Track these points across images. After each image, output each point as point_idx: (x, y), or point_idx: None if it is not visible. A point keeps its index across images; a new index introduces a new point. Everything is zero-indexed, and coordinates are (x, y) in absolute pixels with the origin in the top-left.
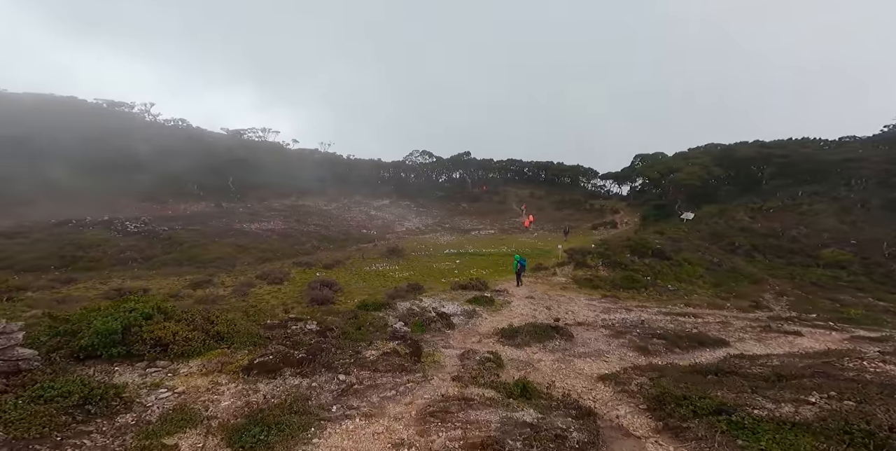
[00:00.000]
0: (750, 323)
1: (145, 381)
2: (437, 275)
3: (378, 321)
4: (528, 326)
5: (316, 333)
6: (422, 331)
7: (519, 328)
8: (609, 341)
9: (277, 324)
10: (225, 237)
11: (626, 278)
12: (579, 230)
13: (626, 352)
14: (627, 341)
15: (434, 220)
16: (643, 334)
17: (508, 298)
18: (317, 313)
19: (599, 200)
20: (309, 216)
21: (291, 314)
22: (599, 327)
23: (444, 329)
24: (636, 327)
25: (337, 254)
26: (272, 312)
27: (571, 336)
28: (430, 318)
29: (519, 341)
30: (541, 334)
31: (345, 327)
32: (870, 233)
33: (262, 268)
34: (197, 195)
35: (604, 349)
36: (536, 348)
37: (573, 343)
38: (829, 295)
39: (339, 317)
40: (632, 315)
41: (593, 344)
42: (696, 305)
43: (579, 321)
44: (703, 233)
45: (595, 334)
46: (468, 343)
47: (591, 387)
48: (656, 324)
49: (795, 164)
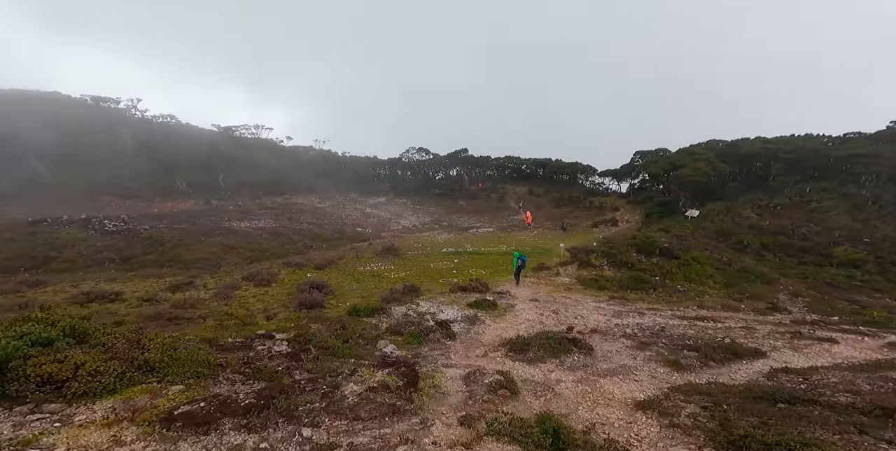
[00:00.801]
0: (775, 328)
1: (16, 435)
2: (434, 275)
3: (369, 331)
4: (539, 336)
5: (286, 356)
6: (419, 343)
7: (529, 340)
8: (634, 353)
9: (239, 344)
10: (212, 236)
11: (634, 279)
12: (579, 228)
13: (655, 367)
14: (655, 354)
15: (431, 218)
16: (670, 345)
17: (512, 301)
18: (302, 320)
19: (599, 197)
20: (302, 214)
21: (274, 322)
22: (619, 336)
23: (443, 340)
24: (658, 336)
25: (330, 253)
26: (251, 319)
27: (591, 349)
28: (428, 327)
29: (531, 355)
30: (555, 347)
31: (328, 340)
32: (883, 231)
33: (249, 269)
34: (185, 193)
35: (630, 365)
36: (552, 365)
37: (594, 358)
38: (845, 296)
39: (326, 325)
40: (646, 320)
41: (617, 358)
42: (709, 307)
43: (592, 328)
44: (709, 231)
45: (616, 346)
46: (472, 358)
47: (630, 419)
48: (675, 330)
49: (803, 160)
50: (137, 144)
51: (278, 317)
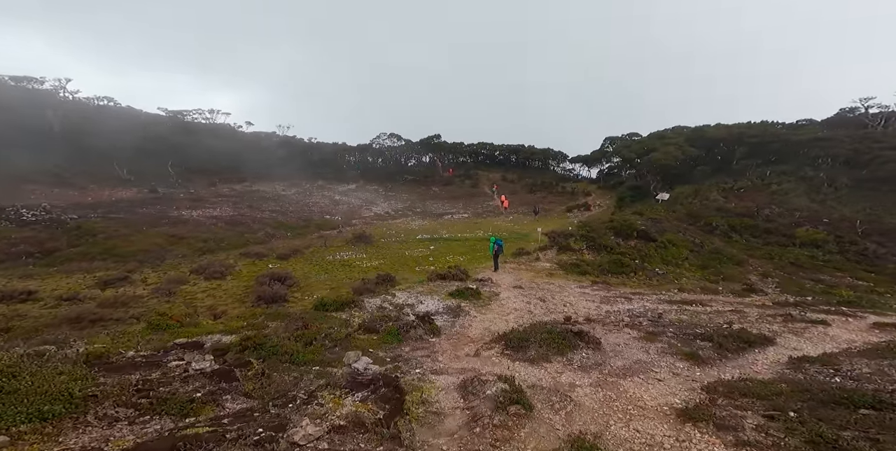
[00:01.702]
0: (762, 311)
1: None
2: (410, 263)
3: (338, 329)
4: (536, 329)
5: (209, 376)
6: (398, 341)
7: (527, 334)
8: (644, 346)
9: (145, 359)
10: (157, 226)
11: (614, 263)
12: (553, 213)
13: (673, 362)
14: (667, 346)
15: (404, 204)
16: (679, 335)
17: (495, 289)
18: (258, 317)
19: (570, 182)
20: (264, 202)
21: (222, 321)
22: (623, 326)
23: (426, 336)
24: (661, 324)
25: (295, 242)
26: (191, 319)
27: (598, 343)
28: (408, 323)
29: (532, 353)
30: (559, 342)
31: (286, 343)
32: (840, 212)
33: (200, 261)
34: (127, 181)
35: (645, 360)
36: (559, 365)
37: (603, 353)
38: (810, 275)
39: (286, 323)
40: (635, 305)
41: (628, 353)
42: (689, 290)
43: (586, 317)
44: (680, 213)
45: (622, 337)
46: (463, 359)
47: (681, 436)
48: (669, 316)
49: (766, 144)
50: (68, 128)
51: (229, 315)
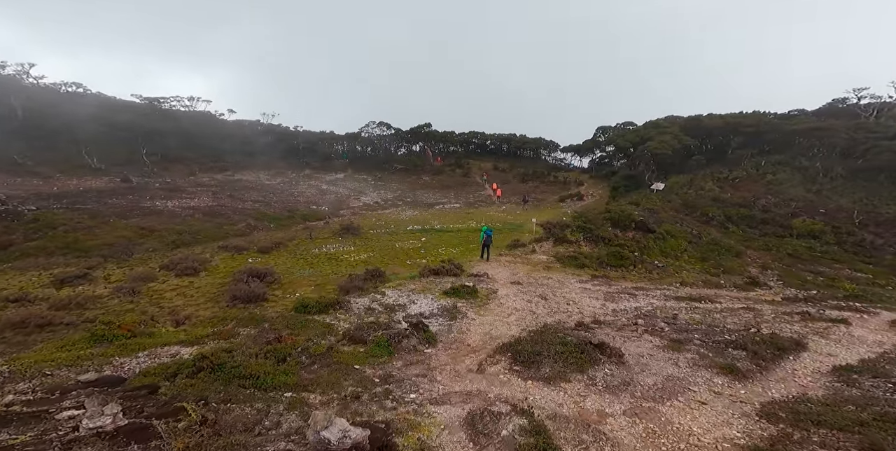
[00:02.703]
0: (777, 309)
1: None
2: (401, 256)
3: (317, 341)
4: (545, 337)
5: (111, 438)
6: (388, 354)
7: (537, 344)
8: (671, 357)
9: (27, 407)
10: (126, 218)
11: (613, 255)
12: (546, 203)
13: (710, 377)
14: (698, 357)
15: (394, 194)
16: (707, 342)
17: (492, 285)
18: (228, 323)
19: (562, 172)
20: (246, 192)
21: (185, 328)
22: (643, 333)
23: (420, 347)
24: (683, 329)
25: (278, 234)
26: (147, 325)
27: (620, 356)
28: (400, 331)
29: (547, 370)
30: (576, 356)
31: (252, 363)
32: (836, 202)
33: (173, 255)
34: (97, 170)
35: (678, 376)
36: (581, 384)
37: (628, 368)
38: (809, 267)
39: (258, 333)
40: (642, 303)
41: (655, 366)
42: (691, 284)
43: (595, 318)
44: (676, 204)
45: (644, 346)
46: (465, 376)
47: None
48: (676, 313)
49: (762, 133)
50: (32, 115)
51: (197, 319)
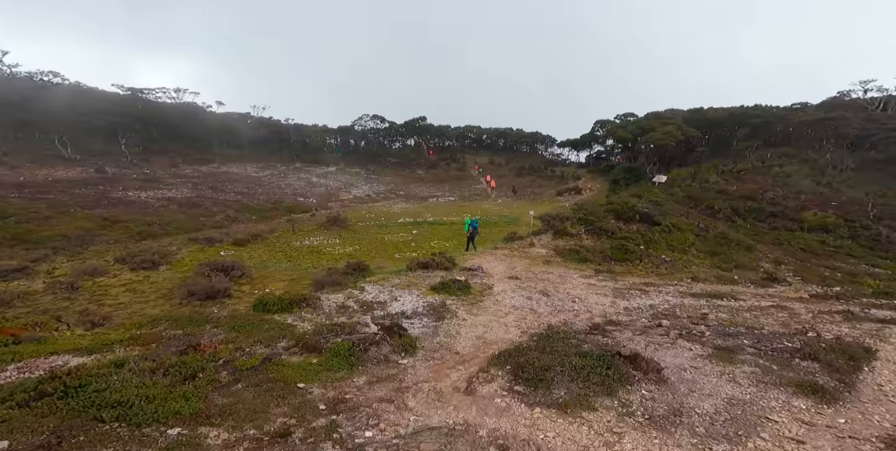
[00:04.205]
0: (810, 307)
1: None
2: (389, 250)
3: (253, 351)
4: (555, 345)
5: None
6: (348, 367)
7: (545, 356)
8: (725, 371)
9: None
10: (92, 208)
11: (617, 249)
12: (543, 197)
13: (787, 399)
14: (760, 371)
15: (386, 187)
16: (765, 351)
17: (487, 280)
18: (160, 324)
19: (560, 167)
20: (230, 183)
21: (98, 332)
22: (676, 337)
23: (394, 357)
24: (726, 334)
25: (259, 226)
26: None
27: (657, 370)
28: (367, 337)
29: (562, 393)
30: (600, 372)
31: (132, 383)
32: (848, 194)
33: (135, 247)
34: (71, 160)
35: (742, 398)
36: (611, 415)
37: (672, 388)
38: (824, 262)
39: (171, 341)
40: (656, 300)
41: (707, 384)
42: (703, 280)
43: (603, 316)
44: (679, 197)
45: (682, 355)
46: (451, 399)
47: None
48: (705, 313)
49: (770, 124)
50: (4, 104)
51: (130, 320)
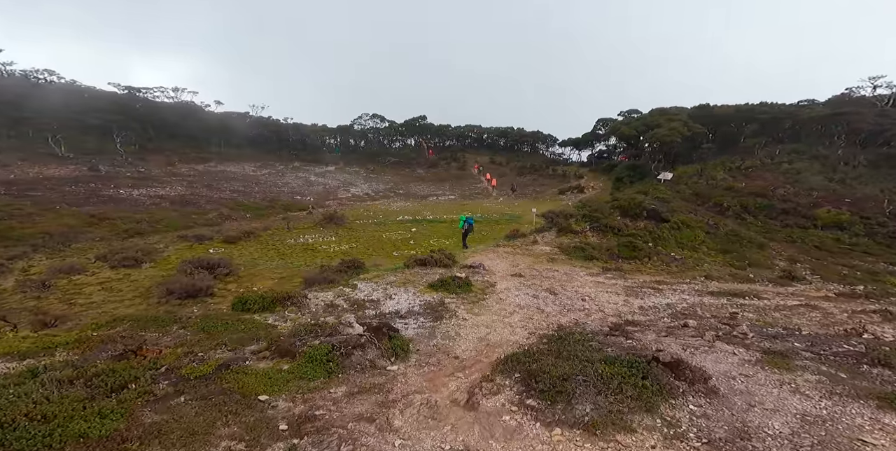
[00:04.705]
0: (841, 306)
1: None
2: (387, 247)
3: (207, 356)
4: (573, 348)
5: None
6: (325, 374)
7: (563, 364)
8: (783, 379)
9: None
10: (80, 206)
11: (625, 246)
12: (545, 195)
13: (874, 415)
14: (827, 380)
15: (386, 186)
16: (822, 355)
17: (489, 277)
18: (121, 324)
19: (561, 166)
20: (227, 182)
21: (49, 333)
22: (713, 338)
23: (381, 362)
24: (775, 337)
25: (253, 224)
26: None
27: (704, 379)
28: (350, 339)
29: (587, 409)
30: (634, 382)
31: (25, 400)
32: (863, 191)
33: (119, 245)
34: (64, 158)
35: (817, 414)
36: (655, 438)
37: (727, 403)
38: (840, 260)
39: (105, 344)
40: (673, 299)
41: (767, 397)
42: (718, 278)
43: (619, 316)
44: (685, 194)
45: (726, 360)
46: (448, 415)
47: None
48: (735, 312)
49: (779, 120)
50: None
51: (88, 319)
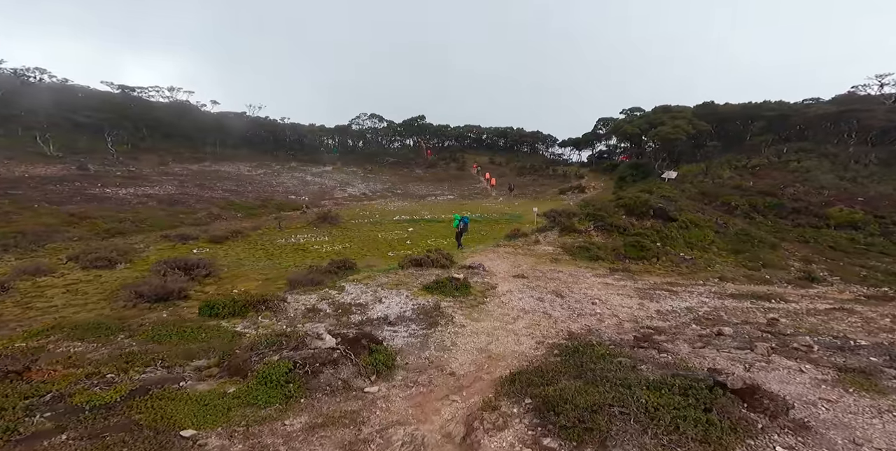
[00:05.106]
0: (875, 309)
1: None
2: (382, 247)
3: (120, 379)
4: (595, 363)
5: None
6: (281, 399)
7: (591, 390)
8: (884, 407)
9: None
10: (62, 204)
11: (632, 246)
12: (546, 195)
13: None
14: None
15: (384, 186)
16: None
17: (489, 279)
18: (57, 333)
19: (561, 166)
20: (219, 181)
21: None
22: (767, 351)
23: (358, 383)
24: (840, 349)
25: (243, 223)
26: None
27: (785, 410)
28: (318, 355)
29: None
30: (688, 411)
31: None
32: (876, 189)
33: (97, 245)
34: (53, 157)
35: None
36: None
37: (828, 444)
38: (857, 261)
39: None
40: (692, 301)
41: (878, 435)
42: (733, 279)
43: (636, 321)
44: (691, 193)
45: (793, 381)
46: None
47: None
48: (774, 318)
49: (786, 117)
50: None
51: (32, 324)
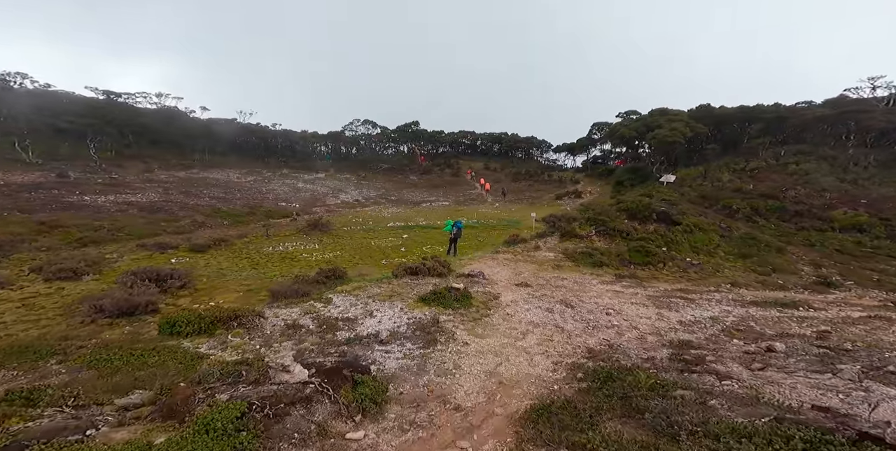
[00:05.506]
0: None
1: None
2: (375, 255)
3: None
4: (637, 395)
5: None
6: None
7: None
8: None
9: None
10: (32, 212)
11: (637, 251)
12: (543, 200)
13: None
14: None
15: (377, 192)
16: None
17: (491, 288)
18: None
19: (556, 171)
20: (206, 188)
21: None
22: (860, 377)
23: (338, 427)
24: None
25: (229, 231)
26: None
27: None
28: (282, 393)
29: None
30: None
31: None
32: (878, 191)
33: (66, 255)
34: (31, 164)
35: None
36: None
37: None
38: (865, 265)
39: None
40: (714, 310)
41: None
42: (745, 285)
43: (660, 335)
44: (691, 196)
45: None
46: None
47: None
48: (826, 330)
49: (784, 119)
50: None
51: None
